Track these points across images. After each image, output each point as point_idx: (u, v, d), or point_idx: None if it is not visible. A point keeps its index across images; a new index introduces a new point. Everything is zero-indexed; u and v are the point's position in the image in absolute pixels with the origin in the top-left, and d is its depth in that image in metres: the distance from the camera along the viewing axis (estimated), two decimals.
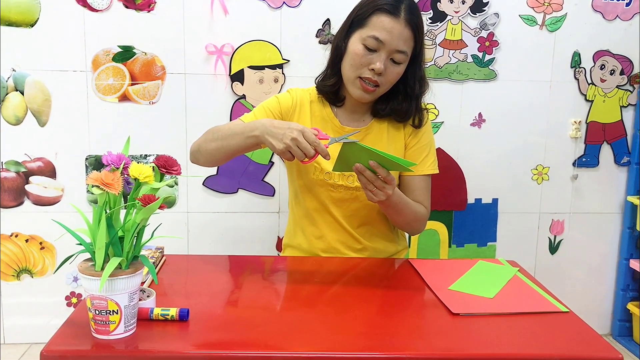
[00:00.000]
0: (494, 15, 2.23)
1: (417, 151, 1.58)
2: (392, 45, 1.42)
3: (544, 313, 1.20)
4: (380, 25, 1.41)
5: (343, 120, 1.57)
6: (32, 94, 2.15)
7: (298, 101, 1.57)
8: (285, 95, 1.59)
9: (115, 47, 2.14)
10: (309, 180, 1.56)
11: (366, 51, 1.43)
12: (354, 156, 1.29)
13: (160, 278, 1.33)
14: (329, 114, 1.56)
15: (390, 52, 1.43)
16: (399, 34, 1.41)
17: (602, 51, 2.30)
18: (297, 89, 1.62)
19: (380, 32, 1.41)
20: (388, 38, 1.41)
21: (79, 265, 1.03)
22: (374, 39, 1.42)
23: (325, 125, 1.56)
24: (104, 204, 1.01)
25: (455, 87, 2.28)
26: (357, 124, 1.57)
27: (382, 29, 1.41)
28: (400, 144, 1.58)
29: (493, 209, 2.39)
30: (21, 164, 2.19)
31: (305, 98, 1.58)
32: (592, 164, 2.39)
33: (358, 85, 1.47)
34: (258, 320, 1.14)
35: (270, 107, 1.56)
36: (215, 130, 1.49)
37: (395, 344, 1.07)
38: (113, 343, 1.02)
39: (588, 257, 2.48)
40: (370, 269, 1.47)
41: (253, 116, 1.53)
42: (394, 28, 1.41)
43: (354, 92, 1.49)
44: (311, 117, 1.57)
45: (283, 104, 1.56)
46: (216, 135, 1.46)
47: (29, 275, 2.28)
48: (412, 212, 1.51)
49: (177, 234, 2.26)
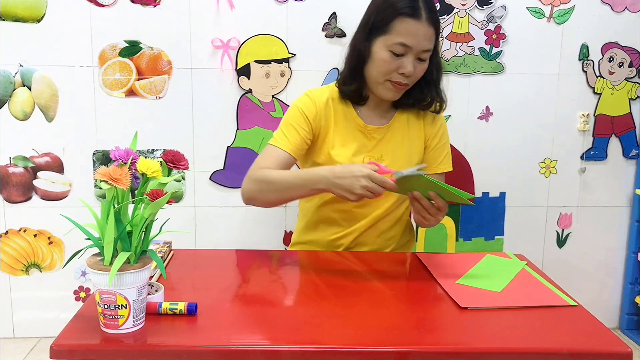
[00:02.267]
0: (501, 7, 2.22)
1: (439, 150, 1.61)
2: (418, 47, 1.41)
3: (552, 307, 1.20)
4: (404, 30, 1.40)
5: (365, 119, 1.55)
6: (40, 90, 2.15)
7: (321, 105, 1.54)
8: (307, 103, 1.54)
9: (121, 42, 2.14)
10: None
11: (394, 57, 1.42)
12: (412, 184, 1.29)
13: (169, 272, 1.33)
14: (351, 113, 1.55)
15: (418, 53, 1.43)
16: (424, 35, 1.41)
17: (611, 43, 2.28)
18: (315, 90, 1.58)
19: (407, 38, 1.40)
20: (414, 42, 1.40)
21: (88, 259, 1.03)
22: (401, 45, 1.41)
23: (348, 124, 1.55)
24: (112, 198, 1.01)
25: (463, 81, 2.27)
26: (380, 120, 1.56)
27: (408, 34, 1.40)
28: (419, 142, 1.59)
29: (500, 203, 2.38)
30: (29, 159, 2.20)
31: (328, 100, 1.55)
32: (600, 157, 2.38)
33: (389, 87, 1.47)
34: (266, 314, 1.14)
35: (299, 124, 1.51)
36: (267, 179, 1.44)
37: (403, 338, 1.07)
38: (122, 337, 1.02)
39: (596, 250, 2.47)
40: (377, 263, 1.47)
41: (285, 139, 1.50)
42: (419, 30, 1.40)
43: (385, 94, 1.48)
44: (335, 118, 1.54)
45: (309, 115, 1.52)
46: (272, 187, 1.44)
47: (38, 269, 2.29)
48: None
49: (185, 228, 2.27)
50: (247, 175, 1.49)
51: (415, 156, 1.58)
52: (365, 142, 1.54)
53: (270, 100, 2.21)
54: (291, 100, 2.21)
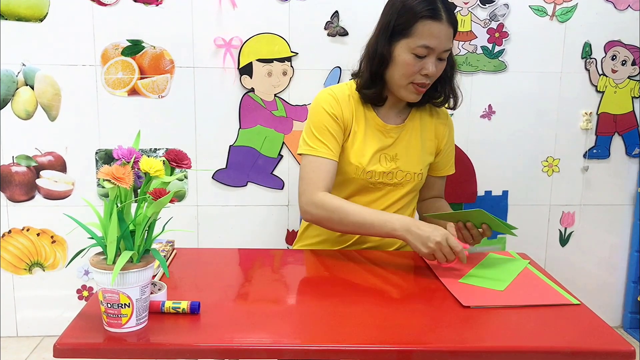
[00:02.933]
0: (503, 6, 2.21)
1: (450, 154, 1.67)
2: (441, 48, 1.43)
3: (554, 305, 1.20)
4: (427, 33, 1.41)
5: (384, 117, 1.57)
6: (42, 89, 2.16)
7: (344, 102, 1.53)
8: (331, 103, 1.52)
9: (124, 41, 2.14)
10: (346, 178, 1.55)
11: (417, 59, 1.43)
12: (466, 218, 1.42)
13: (171, 271, 1.34)
14: (371, 113, 1.56)
15: (439, 54, 1.44)
16: (445, 35, 1.42)
17: (614, 41, 2.28)
18: (335, 88, 1.56)
19: (430, 40, 1.41)
20: (437, 43, 1.41)
21: (91, 259, 1.03)
22: (425, 48, 1.42)
23: (368, 123, 1.55)
24: (115, 197, 1.01)
25: (465, 79, 2.27)
26: (396, 119, 1.58)
27: (431, 36, 1.41)
28: (431, 143, 1.61)
29: (503, 201, 2.38)
30: (32, 158, 2.20)
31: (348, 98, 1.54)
32: (603, 155, 2.37)
33: (411, 89, 1.48)
34: (268, 313, 1.14)
35: (332, 127, 1.50)
36: (341, 210, 1.43)
37: (406, 337, 1.07)
38: (125, 336, 1.02)
39: (599, 249, 2.46)
40: (380, 261, 1.47)
41: (325, 146, 1.48)
42: (441, 32, 1.41)
43: (408, 96, 1.49)
44: (355, 115, 1.54)
45: (337, 114, 1.51)
46: (346, 220, 1.42)
47: (41, 268, 2.30)
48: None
49: (188, 227, 2.27)
50: (308, 196, 1.46)
51: (427, 156, 1.60)
52: (384, 141, 1.55)
53: (272, 99, 2.21)
54: (294, 99, 2.22)
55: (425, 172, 1.60)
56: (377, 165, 1.54)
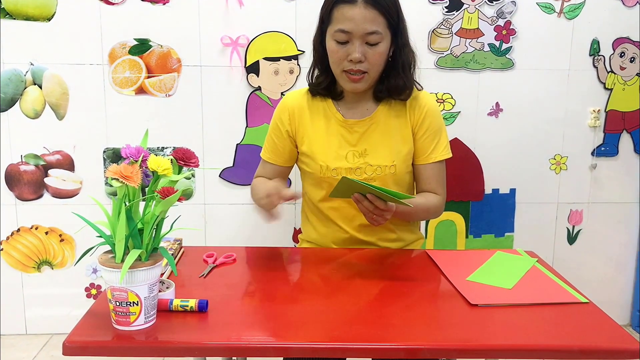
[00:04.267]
0: (510, 3, 2.20)
1: (428, 139, 1.56)
2: (359, 30, 1.42)
3: (563, 304, 1.19)
4: (341, 17, 1.43)
5: (346, 113, 1.56)
6: (50, 88, 2.17)
7: (295, 108, 1.59)
8: (280, 109, 1.62)
9: (131, 40, 2.15)
10: (318, 178, 1.56)
11: (339, 45, 1.45)
12: (352, 187, 1.32)
13: (179, 270, 1.34)
14: (331, 109, 1.57)
15: (362, 37, 1.43)
16: (362, 18, 1.41)
17: (622, 38, 2.26)
18: (293, 92, 1.65)
19: (344, 24, 1.42)
20: (352, 26, 1.42)
21: (99, 257, 1.04)
22: (341, 32, 1.43)
23: (328, 120, 1.56)
24: (123, 196, 1.01)
25: (472, 77, 2.26)
26: (361, 114, 1.56)
27: (345, 20, 1.42)
28: (407, 131, 1.56)
29: (511, 199, 2.37)
30: (40, 157, 2.21)
31: (303, 100, 1.60)
32: (612, 153, 2.36)
33: (345, 78, 1.48)
34: (276, 311, 1.15)
35: (275, 133, 1.61)
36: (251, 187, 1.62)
37: (413, 335, 1.07)
38: (133, 334, 1.03)
39: (607, 247, 2.45)
40: (387, 259, 1.47)
41: (265, 151, 1.64)
42: (355, 14, 1.41)
43: (345, 85, 1.51)
44: (311, 116, 1.58)
45: (284, 119, 1.60)
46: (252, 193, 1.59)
47: (49, 267, 2.31)
48: (423, 212, 1.56)
49: (195, 225, 2.27)
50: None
51: (402, 147, 1.54)
52: (347, 136, 1.55)
53: (279, 97, 2.21)
54: None
55: (401, 164, 1.53)
56: (343, 161, 1.53)
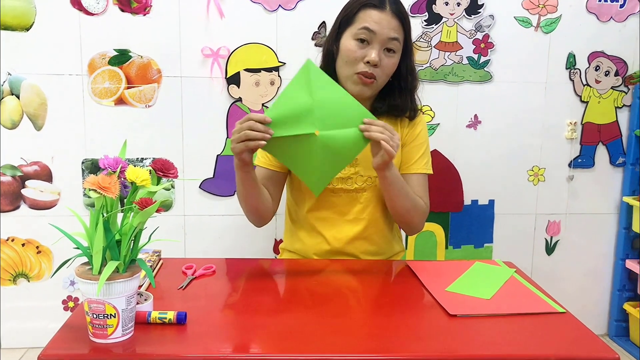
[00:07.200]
0: (489, 17, 2.24)
1: (415, 149, 1.59)
2: (383, 34, 1.45)
3: (540, 314, 1.21)
4: (369, 18, 1.46)
5: None
6: (28, 98, 2.15)
7: None
8: None
9: (111, 50, 2.14)
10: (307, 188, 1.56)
11: (359, 45, 1.46)
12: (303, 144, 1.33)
13: (158, 281, 1.33)
14: None
15: (383, 41, 1.45)
16: (388, 24, 1.45)
17: (597, 52, 2.31)
18: None
19: (371, 23, 1.45)
20: (378, 28, 1.44)
21: (76, 269, 1.03)
22: (366, 30, 1.45)
23: None
24: (101, 207, 1.01)
25: (451, 89, 2.28)
26: None
27: (372, 20, 1.45)
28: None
29: (489, 210, 2.39)
30: (17, 168, 2.19)
31: None
32: (588, 164, 2.40)
33: (356, 80, 1.48)
34: (256, 323, 1.14)
35: None
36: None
37: (393, 346, 1.07)
38: (111, 347, 1.02)
39: (584, 257, 2.48)
40: (367, 271, 1.47)
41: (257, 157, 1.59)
42: (382, 19, 1.45)
43: (353, 88, 1.49)
44: None
45: None
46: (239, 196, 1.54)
47: (26, 279, 2.27)
48: (411, 197, 1.52)
49: (174, 237, 2.26)
50: None
51: (397, 160, 1.57)
52: None
53: (260, 108, 2.21)
54: None
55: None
56: None
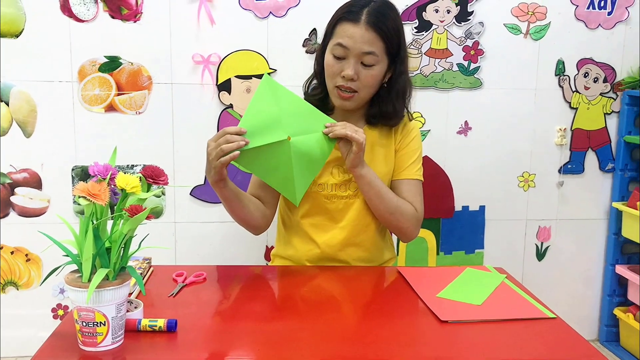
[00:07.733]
0: (478, 24, 2.25)
1: (407, 155, 1.60)
2: (356, 49, 1.45)
3: (531, 319, 1.21)
4: (342, 33, 1.46)
5: None
6: (18, 105, 2.13)
7: None
8: None
9: (101, 57, 2.13)
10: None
11: (335, 60, 1.48)
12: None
13: (148, 289, 1.32)
14: None
15: (358, 56, 1.46)
16: (361, 37, 1.45)
17: (586, 59, 2.33)
18: None
19: (344, 39, 1.46)
20: (351, 43, 1.45)
21: (66, 276, 1.02)
22: (339, 46, 1.46)
23: None
24: (91, 214, 1.00)
25: (441, 96, 2.29)
26: None
27: (345, 36, 1.46)
28: (390, 151, 1.59)
29: (480, 216, 2.40)
30: (6, 175, 2.17)
31: None
32: (578, 170, 2.41)
33: (336, 94, 1.51)
34: (246, 330, 1.14)
35: None
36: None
37: (385, 352, 1.07)
38: (100, 355, 1.01)
39: (575, 263, 2.49)
40: (359, 277, 1.47)
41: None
42: (355, 33, 1.45)
43: (335, 101, 1.53)
44: None
45: None
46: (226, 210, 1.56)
47: (15, 287, 2.25)
48: (393, 199, 1.52)
49: (165, 244, 2.25)
50: None
51: (384, 166, 1.58)
52: (334, 152, 1.53)
53: None
54: None
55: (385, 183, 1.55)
56: (329, 177, 1.55)
